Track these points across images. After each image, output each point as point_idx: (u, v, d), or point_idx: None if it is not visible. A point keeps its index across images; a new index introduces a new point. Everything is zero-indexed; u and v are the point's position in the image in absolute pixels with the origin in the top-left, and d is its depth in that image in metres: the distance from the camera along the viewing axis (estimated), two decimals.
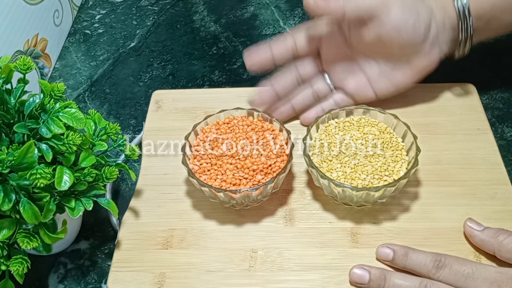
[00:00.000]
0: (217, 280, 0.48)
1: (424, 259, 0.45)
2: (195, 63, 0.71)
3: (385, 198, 0.50)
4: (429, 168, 0.54)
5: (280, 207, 0.53)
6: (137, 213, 0.53)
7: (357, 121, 0.54)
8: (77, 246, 0.53)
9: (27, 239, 0.42)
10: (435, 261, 0.45)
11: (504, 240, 0.46)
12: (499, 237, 0.46)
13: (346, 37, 0.56)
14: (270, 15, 0.77)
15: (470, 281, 0.43)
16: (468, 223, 0.49)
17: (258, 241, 0.50)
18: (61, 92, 0.47)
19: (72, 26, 0.78)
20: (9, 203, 0.41)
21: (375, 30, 0.52)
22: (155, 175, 0.56)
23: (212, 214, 0.53)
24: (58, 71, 0.72)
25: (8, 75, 0.46)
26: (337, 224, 0.51)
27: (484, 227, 0.48)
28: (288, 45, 0.57)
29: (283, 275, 0.48)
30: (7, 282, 0.44)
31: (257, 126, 0.54)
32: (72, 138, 0.43)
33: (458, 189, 0.53)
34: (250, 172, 0.50)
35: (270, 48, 0.57)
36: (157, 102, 0.63)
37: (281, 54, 0.57)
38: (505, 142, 0.59)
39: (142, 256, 0.50)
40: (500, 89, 0.64)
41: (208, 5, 0.79)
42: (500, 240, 0.46)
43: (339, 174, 0.50)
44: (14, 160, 0.41)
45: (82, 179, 0.45)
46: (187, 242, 0.51)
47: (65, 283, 0.51)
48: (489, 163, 0.54)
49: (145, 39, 0.75)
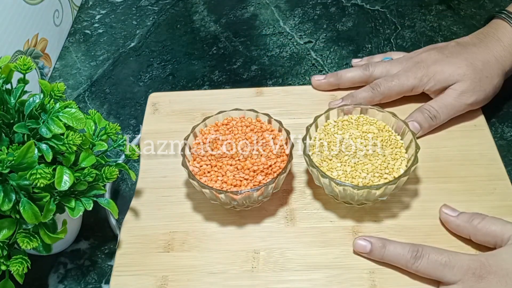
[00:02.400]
0: (220, 282, 0.48)
1: (401, 250, 0.47)
2: (195, 63, 0.71)
3: (385, 196, 0.50)
4: (428, 165, 0.54)
5: (281, 207, 0.53)
6: (138, 217, 0.53)
7: (356, 120, 0.54)
8: (77, 246, 0.53)
9: (27, 239, 0.42)
10: (412, 251, 0.46)
11: (479, 224, 0.47)
12: (473, 222, 0.47)
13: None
14: (270, 15, 0.77)
15: (447, 269, 0.44)
16: (443, 209, 0.50)
17: (260, 242, 0.50)
18: (61, 92, 0.47)
19: (72, 26, 0.77)
20: (9, 203, 0.41)
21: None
22: (154, 177, 0.56)
23: (213, 216, 0.53)
24: (58, 71, 0.71)
25: (8, 75, 0.46)
26: (338, 223, 0.51)
27: (459, 213, 0.49)
28: (363, 77, 0.61)
29: (286, 275, 0.48)
30: (7, 282, 0.44)
31: (256, 127, 0.54)
32: (72, 138, 0.43)
33: (457, 186, 0.53)
34: (251, 173, 0.50)
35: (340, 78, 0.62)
36: (154, 104, 0.63)
37: (348, 85, 0.62)
38: (505, 142, 0.59)
39: (144, 260, 0.50)
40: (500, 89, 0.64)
41: (208, 5, 0.79)
42: (474, 224, 0.47)
43: (339, 173, 0.50)
44: (14, 160, 0.40)
45: (82, 179, 0.45)
46: (188, 245, 0.50)
47: (65, 283, 0.51)
48: (487, 159, 0.55)
49: (145, 39, 0.75)
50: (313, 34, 0.73)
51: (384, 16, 0.75)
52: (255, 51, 0.72)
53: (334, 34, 0.73)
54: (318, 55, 0.70)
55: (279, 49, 0.72)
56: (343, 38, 0.72)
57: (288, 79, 0.68)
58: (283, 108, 0.61)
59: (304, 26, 0.75)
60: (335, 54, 0.70)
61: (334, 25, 0.75)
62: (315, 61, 0.70)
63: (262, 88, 0.64)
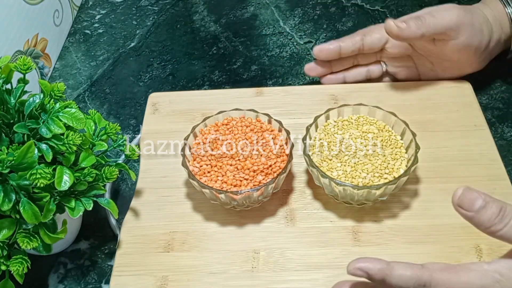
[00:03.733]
0: (220, 282, 0.48)
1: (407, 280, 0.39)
2: (195, 63, 0.71)
3: (385, 196, 0.50)
4: (428, 165, 0.54)
5: (281, 207, 0.53)
6: (138, 217, 0.53)
7: (356, 120, 0.54)
8: (77, 246, 0.53)
9: (27, 239, 0.42)
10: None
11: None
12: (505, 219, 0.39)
13: (412, 43, 0.61)
14: (270, 15, 0.77)
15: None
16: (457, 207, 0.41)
17: (260, 242, 0.50)
18: (61, 92, 0.47)
19: (72, 26, 0.77)
20: (9, 203, 0.41)
21: (443, 45, 0.58)
22: (154, 177, 0.56)
23: (213, 216, 0.53)
24: (58, 71, 0.71)
25: (8, 75, 0.46)
26: (338, 223, 0.51)
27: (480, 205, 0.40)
28: (356, 41, 0.61)
29: (286, 275, 0.48)
30: (7, 282, 0.44)
31: (256, 127, 0.54)
32: (72, 138, 0.43)
33: (457, 186, 0.52)
34: (251, 173, 0.50)
35: (339, 41, 0.62)
36: (154, 104, 0.63)
37: (348, 47, 0.61)
38: (505, 142, 0.59)
39: (144, 260, 0.50)
40: (500, 89, 0.64)
41: (208, 5, 0.79)
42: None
43: (339, 173, 0.50)
44: (14, 160, 0.40)
45: (82, 179, 0.45)
46: (188, 245, 0.50)
47: (65, 283, 0.51)
48: (487, 159, 0.55)
49: (145, 39, 0.75)
50: (313, 34, 0.73)
51: (384, 16, 0.75)
52: (255, 51, 0.72)
53: (334, 34, 0.73)
54: None
55: (279, 49, 0.72)
56: None
57: (288, 79, 0.68)
58: (283, 108, 0.61)
59: (304, 26, 0.75)
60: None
61: (334, 25, 0.75)
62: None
63: (262, 88, 0.64)
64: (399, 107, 0.58)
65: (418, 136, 0.51)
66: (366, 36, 0.61)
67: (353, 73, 0.64)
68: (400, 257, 0.48)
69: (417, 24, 0.55)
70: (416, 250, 0.49)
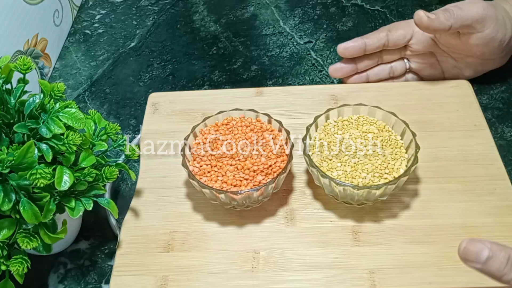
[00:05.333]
0: (220, 282, 0.48)
1: None
2: (195, 63, 0.71)
3: (385, 196, 0.50)
4: (428, 165, 0.54)
5: (281, 207, 0.53)
6: (138, 217, 0.53)
7: (356, 120, 0.54)
8: (77, 246, 0.53)
9: (27, 239, 0.42)
10: None
11: None
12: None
13: (436, 38, 0.61)
14: (270, 15, 0.77)
15: None
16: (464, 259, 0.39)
17: (260, 242, 0.50)
18: (61, 92, 0.47)
19: (72, 26, 0.77)
20: (9, 203, 0.41)
21: (468, 39, 0.58)
22: (154, 177, 0.56)
23: (213, 216, 0.53)
24: (58, 71, 0.71)
25: (8, 75, 0.46)
26: (339, 223, 0.51)
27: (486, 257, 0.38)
28: (381, 37, 0.62)
29: (286, 275, 0.48)
30: (7, 282, 0.44)
31: (256, 127, 0.54)
32: (72, 138, 0.43)
33: (458, 185, 0.53)
34: (251, 173, 0.50)
35: (363, 38, 0.62)
36: (154, 104, 0.63)
37: (373, 43, 0.62)
38: (505, 142, 0.59)
39: (144, 260, 0.50)
40: (500, 89, 0.64)
41: (208, 5, 0.79)
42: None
43: (339, 173, 0.50)
44: (14, 160, 0.40)
45: (82, 179, 0.45)
46: (188, 245, 0.50)
47: (65, 283, 0.51)
48: (487, 159, 0.55)
49: (145, 39, 0.75)
50: (313, 34, 0.73)
51: (384, 16, 0.75)
52: (255, 51, 0.72)
53: (334, 34, 0.73)
54: (318, 55, 0.71)
55: (279, 49, 0.72)
56: (343, 38, 0.72)
57: (288, 79, 0.68)
58: (283, 108, 0.61)
59: (304, 26, 0.75)
60: (335, 54, 0.70)
61: (334, 25, 0.75)
62: (315, 61, 0.70)
63: (262, 88, 0.64)
64: (399, 107, 0.58)
65: (418, 136, 0.51)
66: (391, 32, 0.61)
67: (376, 71, 0.64)
68: (400, 257, 0.49)
69: (445, 15, 0.56)
70: (416, 250, 0.49)
